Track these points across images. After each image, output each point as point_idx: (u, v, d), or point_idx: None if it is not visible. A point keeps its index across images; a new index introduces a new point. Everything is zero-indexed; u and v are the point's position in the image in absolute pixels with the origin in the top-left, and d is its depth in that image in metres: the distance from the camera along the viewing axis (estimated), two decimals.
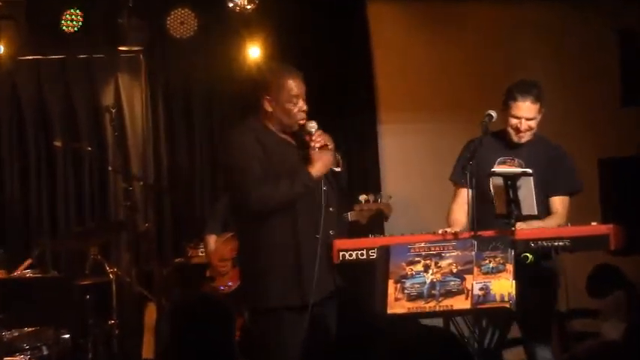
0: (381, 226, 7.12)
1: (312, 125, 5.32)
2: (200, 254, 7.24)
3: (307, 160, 5.27)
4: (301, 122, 5.33)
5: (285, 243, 5.25)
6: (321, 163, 5.26)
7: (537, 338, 5.59)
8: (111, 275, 6.89)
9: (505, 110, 5.66)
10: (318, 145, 5.28)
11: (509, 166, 5.56)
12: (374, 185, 8.02)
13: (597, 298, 7.18)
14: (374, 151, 8.26)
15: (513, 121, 5.64)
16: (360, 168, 8.19)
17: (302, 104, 5.33)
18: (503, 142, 5.71)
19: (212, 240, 6.97)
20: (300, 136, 5.36)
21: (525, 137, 5.66)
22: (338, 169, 5.40)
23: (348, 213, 6.59)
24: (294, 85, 5.31)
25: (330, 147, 5.31)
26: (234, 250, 6.66)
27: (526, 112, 5.61)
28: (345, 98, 8.20)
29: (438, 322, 5.02)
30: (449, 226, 5.51)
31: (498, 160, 5.64)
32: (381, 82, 8.30)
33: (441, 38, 8.30)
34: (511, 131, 5.66)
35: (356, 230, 6.38)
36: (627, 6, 8.18)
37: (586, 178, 6.28)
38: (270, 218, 5.25)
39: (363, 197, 6.69)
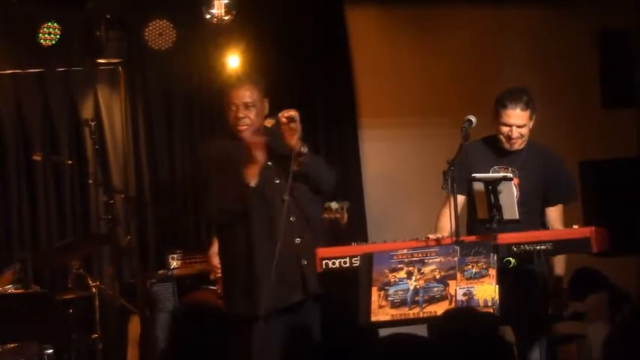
0: (364, 234, 7.16)
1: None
2: (179, 266, 7.27)
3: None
4: (240, 129, 5.49)
5: (239, 253, 5.43)
6: (252, 166, 5.36)
7: (528, 342, 5.63)
8: (94, 289, 6.89)
9: (495, 118, 5.71)
10: (283, 120, 5.38)
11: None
12: (356, 192, 8.06)
13: (579, 301, 7.25)
14: (355, 157, 8.30)
15: (504, 129, 5.67)
16: (342, 174, 8.22)
17: (240, 112, 5.49)
18: (495, 149, 5.75)
19: (215, 245, 7.01)
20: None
21: (517, 145, 5.71)
22: (295, 168, 5.43)
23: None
24: (233, 94, 5.54)
25: (293, 125, 5.38)
26: None
27: (517, 120, 5.66)
28: (325, 104, 8.23)
29: (422, 328, 5.05)
30: (435, 232, 5.56)
31: (492, 169, 5.68)
32: (361, 88, 8.32)
33: (422, 43, 8.34)
34: (502, 139, 5.69)
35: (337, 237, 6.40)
36: (606, 7, 8.25)
37: None
38: (230, 228, 5.46)
39: (334, 204, 6.70)
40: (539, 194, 5.74)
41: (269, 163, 5.44)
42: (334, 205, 6.66)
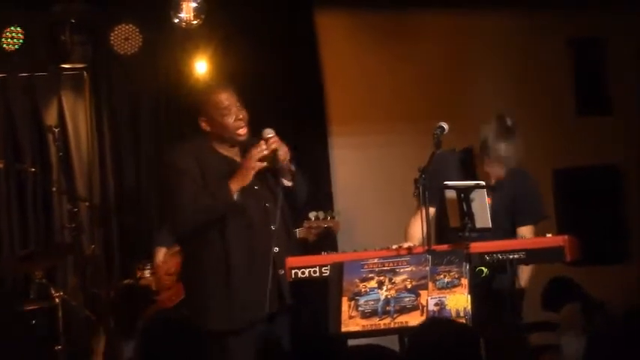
0: (334, 242, 7.13)
1: (269, 131, 5.37)
2: (147, 275, 7.20)
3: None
4: (240, 131, 5.39)
5: (213, 263, 5.33)
6: (240, 175, 5.30)
7: (500, 354, 5.62)
8: (57, 299, 6.84)
9: (479, 159, 5.70)
10: (265, 152, 5.31)
11: None
12: (325, 200, 8.04)
13: (552, 311, 7.24)
14: (325, 164, 8.29)
15: (491, 168, 5.66)
16: (311, 182, 8.19)
17: (237, 113, 5.39)
18: (470, 165, 5.77)
19: (161, 253, 6.96)
20: (250, 146, 5.40)
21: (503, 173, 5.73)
22: (289, 184, 5.42)
23: (296, 230, 6.60)
24: (223, 98, 5.39)
25: (282, 156, 5.34)
26: (179, 264, 6.69)
27: (500, 171, 5.67)
28: (294, 111, 8.21)
29: (393, 339, 5.02)
30: (405, 240, 5.55)
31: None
32: (331, 94, 8.31)
33: (392, 48, 8.33)
34: (489, 175, 5.69)
35: (307, 247, 6.39)
36: (579, 14, 8.28)
37: (541, 188, 6.31)
38: (204, 236, 5.33)
39: (312, 214, 6.68)
40: (509, 214, 5.76)
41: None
42: (321, 214, 6.63)
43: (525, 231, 5.80)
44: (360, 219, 8.08)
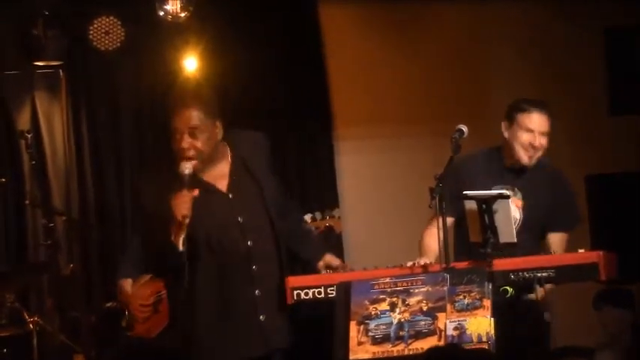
0: (341, 259, 7.11)
1: (186, 167, 5.23)
2: None
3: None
4: (182, 164, 5.24)
5: (209, 290, 5.33)
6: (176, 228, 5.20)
7: None
8: (31, 325, 6.84)
9: (512, 127, 5.71)
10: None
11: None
12: (331, 208, 8.04)
13: (599, 310, 7.24)
14: (330, 169, 8.32)
15: (526, 136, 5.68)
16: (316, 189, 8.23)
17: (182, 140, 5.24)
18: (498, 165, 5.76)
19: (128, 284, 6.91)
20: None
21: (535, 157, 5.74)
22: None
23: None
24: (175, 119, 5.26)
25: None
26: (154, 294, 6.69)
27: (542, 125, 5.70)
28: (297, 113, 8.24)
29: None
30: (420, 253, 5.55)
31: (493, 189, 5.62)
32: (336, 95, 8.34)
33: (402, 44, 8.37)
34: (520, 151, 5.70)
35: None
36: (612, 1, 8.27)
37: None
38: (196, 271, 5.31)
39: (308, 216, 6.62)
40: (542, 219, 5.74)
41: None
42: (318, 215, 6.58)
43: (558, 238, 5.78)
44: (368, 231, 8.09)
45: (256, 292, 5.36)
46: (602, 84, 8.53)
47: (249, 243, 5.34)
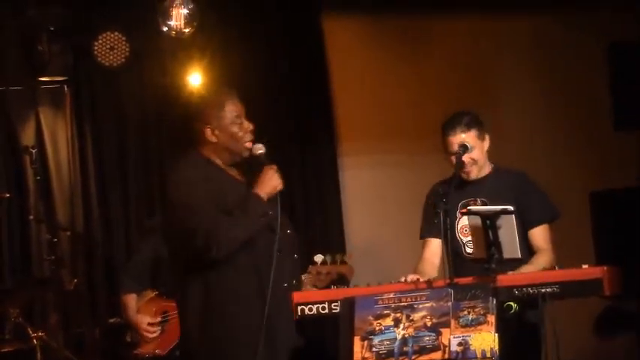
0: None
1: (259, 147, 5.35)
2: None
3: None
4: (248, 144, 5.34)
5: (245, 295, 5.18)
6: (267, 183, 5.24)
7: None
8: (35, 340, 6.84)
9: (445, 152, 5.81)
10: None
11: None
12: (334, 225, 8.07)
13: (605, 338, 7.24)
14: (334, 186, 8.34)
15: (452, 157, 5.77)
16: (319, 206, 8.24)
17: (246, 123, 5.38)
18: (457, 183, 5.79)
19: (132, 300, 6.91)
20: (249, 163, 5.38)
21: (474, 172, 5.84)
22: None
23: (302, 276, 6.44)
24: (233, 106, 5.37)
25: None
26: (160, 312, 6.72)
27: (461, 145, 5.76)
28: (300, 128, 8.25)
29: None
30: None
31: (460, 204, 5.74)
32: (339, 110, 8.35)
33: (407, 58, 8.37)
34: (458, 169, 5.76)
35: None
36: (618, 15, 8.28)
37: (576, 213, 6.34)
38: (230, 269, 5.16)
39: (319, 257, 6.56)
40: (517, 221, 5.76)
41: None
42: (328, 258, 6.51)
43: (538, 231, 5.81)
44: (372, 248, 8.09)
45: (293, 281, 5.38)
46: (608, 99, 8.54)
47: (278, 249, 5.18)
